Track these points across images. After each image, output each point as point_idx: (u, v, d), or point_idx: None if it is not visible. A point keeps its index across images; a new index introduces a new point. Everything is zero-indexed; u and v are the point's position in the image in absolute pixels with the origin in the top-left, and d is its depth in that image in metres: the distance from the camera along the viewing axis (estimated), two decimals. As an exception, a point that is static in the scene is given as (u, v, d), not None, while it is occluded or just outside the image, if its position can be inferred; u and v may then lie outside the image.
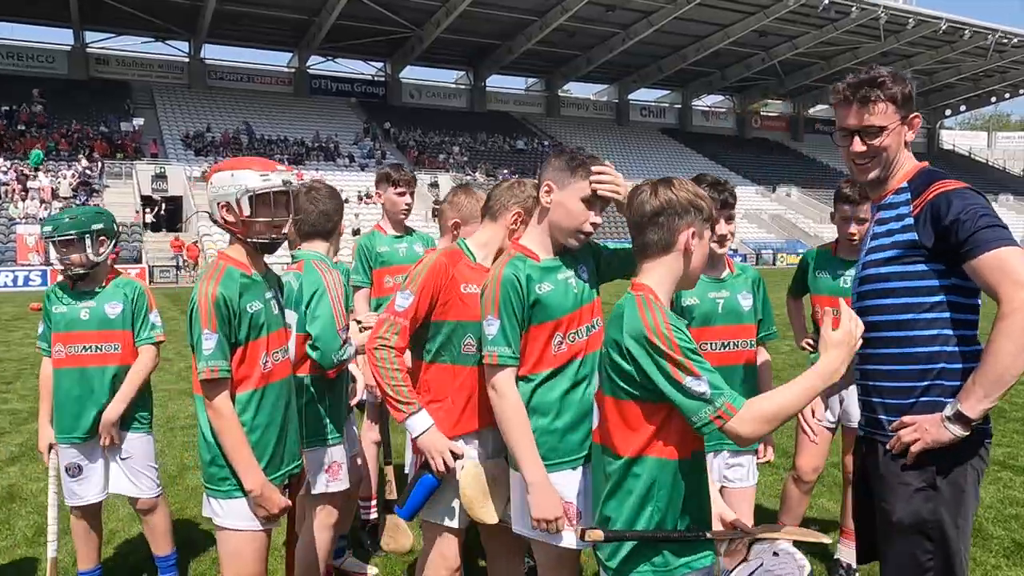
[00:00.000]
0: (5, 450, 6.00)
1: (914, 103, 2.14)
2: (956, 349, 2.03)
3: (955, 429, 1.93)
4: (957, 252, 1.96)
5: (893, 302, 2.07)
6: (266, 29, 44.55)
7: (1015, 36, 48.73)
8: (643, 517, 1.88)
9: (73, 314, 3.27)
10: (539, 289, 2.32)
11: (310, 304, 2.97)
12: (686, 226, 1.95)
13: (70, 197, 31.20)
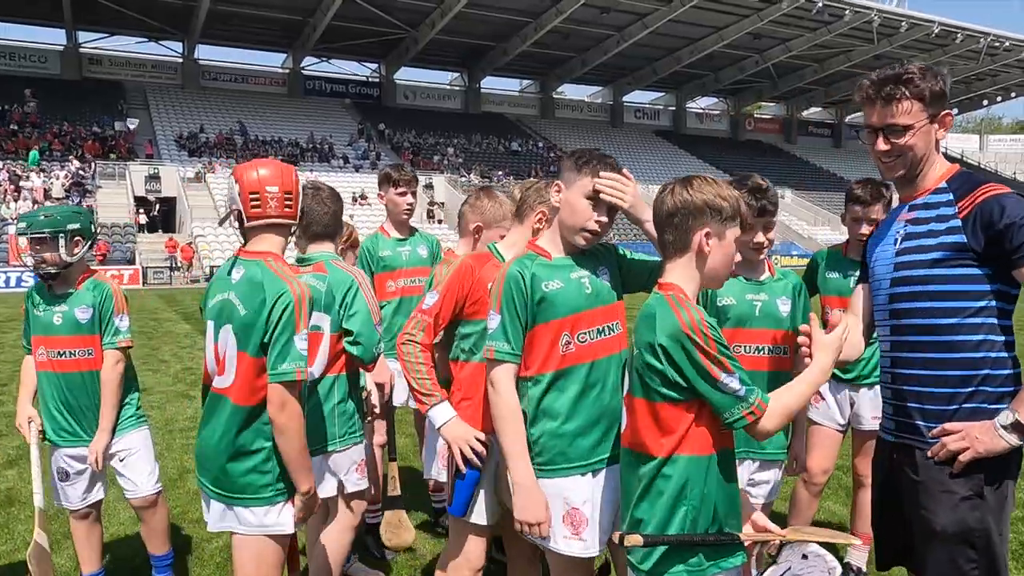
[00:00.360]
0: (2, 453, 5.94)
1: (947, 100, 2.07)
2: (999, 355, 1.99)
3: (1011, 438, 1.89)
4: (1010, 257, 1.93)
5: (938, 305, 2.02)
6: (260, 29, 44.44)
7: (1007, 40, 49.04)
8: (677, 517, 1.88)
9: (48, 318, 3.22)
10: (546, 287, 2.28)
11: (344, 302, 2.93)
12: (700, 227, 1.93)
13: (63, 198, 31.03)
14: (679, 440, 1.88)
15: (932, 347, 2.03)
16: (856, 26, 44.62)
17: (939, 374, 2.02)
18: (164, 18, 41.62)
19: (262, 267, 2.39)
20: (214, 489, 2.38)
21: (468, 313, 2.62)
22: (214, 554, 3.93)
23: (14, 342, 12.47)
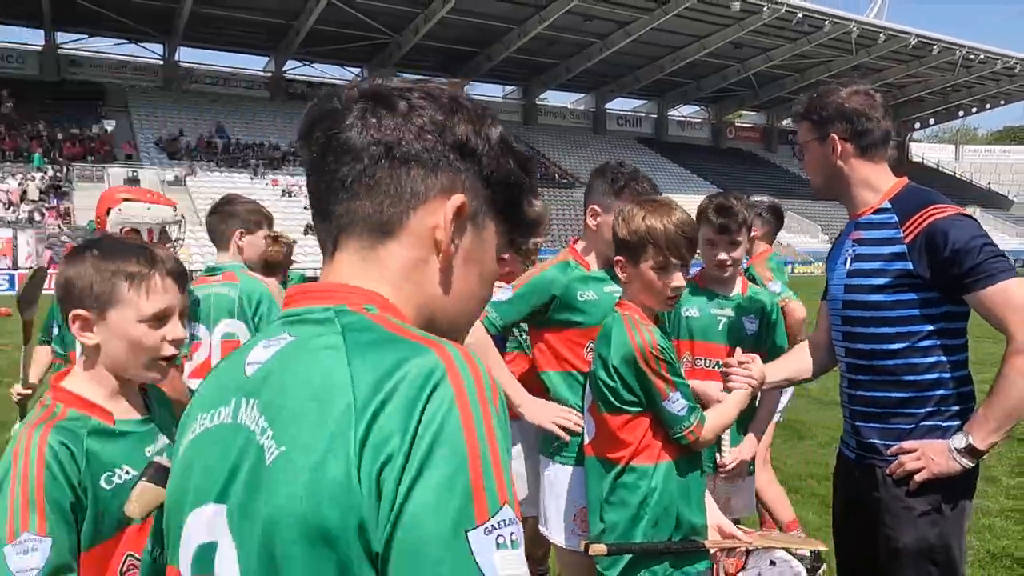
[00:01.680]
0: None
1: (840, 122, 2.10)
2: (952, 375, 2.03)
3: (964, 461, 1.94)
4: (959, 283, 1.95)
5: (888, 331, 2.04)
6: (242, 32, 44.20)
7: (982, 52, 49.99)
8: (640, 524, 1.94)
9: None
10: (580, 296, 2.42)
11: (258, 310, 2.96)
12: (644, 258, 2.01)
13: (38, 200, 30.67)
14: (636, 449, 1.97)
15: (885, 370, 2.06)
16: (835, 37, 45.27)
17: (893, 395, 2.05)
18: (145, 20, 41.24)
19: None
20: None
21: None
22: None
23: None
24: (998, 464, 5.66)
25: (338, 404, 0.73)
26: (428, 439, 0.70)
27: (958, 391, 2.04)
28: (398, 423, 0.71)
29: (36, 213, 29.58)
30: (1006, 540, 4.18)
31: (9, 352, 11.54)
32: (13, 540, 1.35)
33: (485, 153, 0.89)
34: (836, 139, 2.10)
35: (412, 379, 0.72)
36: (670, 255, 1.99)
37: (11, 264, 26.48)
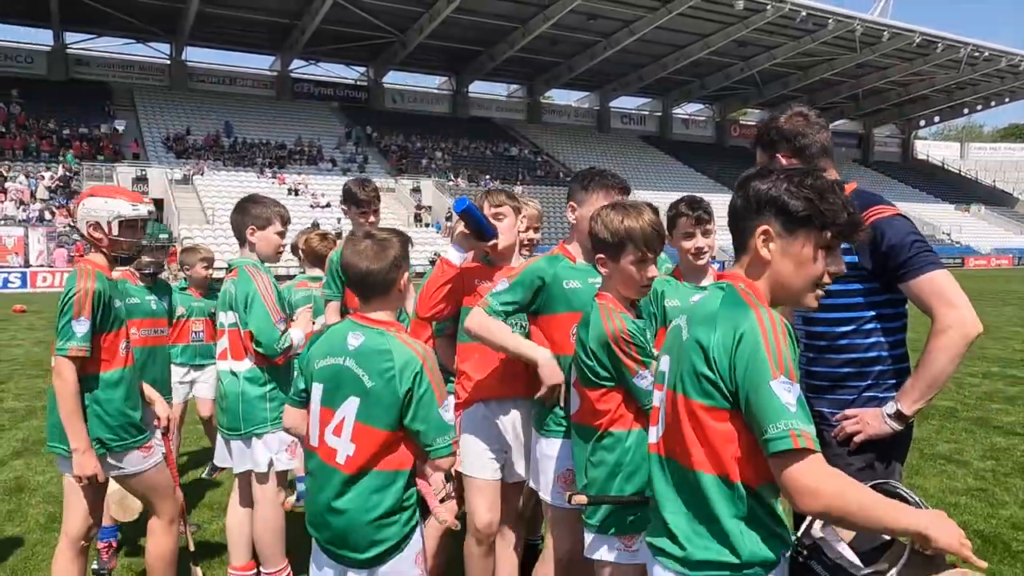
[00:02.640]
0: (8, 445, 6.14)
1: (784, 142, 2.44)
2: (889, 353, 2.35)
3: (894, 424, 2.26)
4: (894, 274, 2.26)
5: (835, 316, 2.36)
6: (248, 32, 44.45)
7: (986, 49, 49.90)
8: (616, 478, 2.29)
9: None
10: (566, 285, 2.73)
11: (246, 304, 3.30)
12: (624, 254, 2.30)
13: (48, 199, 31.01)
14: (612, 418, 2.31)
15: (833, 350, 2.38)
16: (839, 35, 45.29)
17: (840, 371, 2.37)
18: (152, 19, 41.55)
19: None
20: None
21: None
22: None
23: (8, 341, 12.54)
24: (971, 449, 5.91)
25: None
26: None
27: (895, 367, 2.36)
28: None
29: (46, 212, 29.92)
30: (968, 516, 4.45)
31: (27, 347, 11.82)
32: None
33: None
34: (781, 158, 2.42)
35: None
36: (647, 250, 2.29)
37: (23, 262, 26.82)
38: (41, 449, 6.06)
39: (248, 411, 3.32)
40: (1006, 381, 8.73)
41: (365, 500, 2.18)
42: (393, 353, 2.18)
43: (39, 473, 5.41)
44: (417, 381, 2.17)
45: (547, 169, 48.91)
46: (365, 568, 2.20)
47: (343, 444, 2.20)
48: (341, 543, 2.22)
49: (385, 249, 2.26)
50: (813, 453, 1.52)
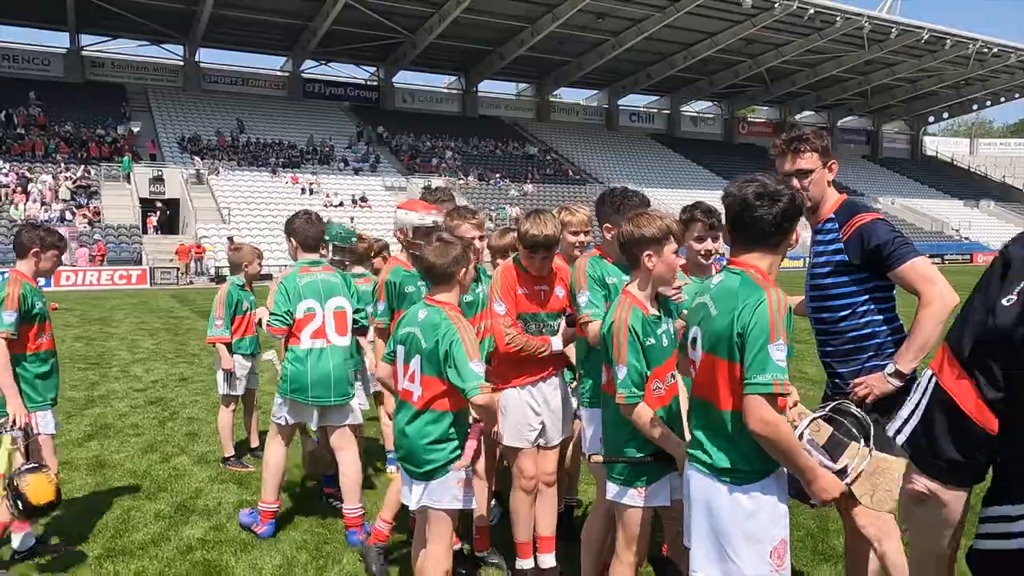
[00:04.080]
0: (79, 429, 6.60)
1: (827, 154, 2.97)
2: (885, 328, 2.90)
3: (895, 381, 2.77)
4: (882, 266, 2.80)
5: (835, 304, 2.93)
6: (260, 33, 44.90)
7: (995, 45, 49.89)
8: (635, 441, 2.74)
9: None
10: (609, 280, 3.31)
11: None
12: (647, 252, 2.73)
13: (69, 200, 31.52)
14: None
15: (836, 333, 2.94)
16: (847, 32, 45.38)
17: (844, 347, 2.94)
18: (166, 21, 42.06)
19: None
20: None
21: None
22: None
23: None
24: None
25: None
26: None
27: (893, 338, 2.87)
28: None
29: (67, 212, 30.43)
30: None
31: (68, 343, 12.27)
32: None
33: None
34: (833, 165, 3.00)
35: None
36: (677, 243, 2.82)
37: (45, 262, 27.34)
38: (109, 432, 6.50)
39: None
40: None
41: (421, 429, 3.02)
42: (441, 325, 2.99)
43: (114, 452, 5.90)
44: (452, 345, 2.94)
45: (556, 167, 49.22)
46: (422, 480, 3.04)
47: (415, 388, 3.05)
48: (407, 460, 3.08)
49: (447, 250, 3.06)
50: (780, 397, 2.18)
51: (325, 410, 4.25)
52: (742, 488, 2.28)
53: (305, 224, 4.39)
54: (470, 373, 2.89)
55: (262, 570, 3.83)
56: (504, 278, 3.60)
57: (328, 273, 4.36)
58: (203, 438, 6.39)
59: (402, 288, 3.89)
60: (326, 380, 4.16)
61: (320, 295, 4.24)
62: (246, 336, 5.62)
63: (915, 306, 2.70)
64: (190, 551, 4.08)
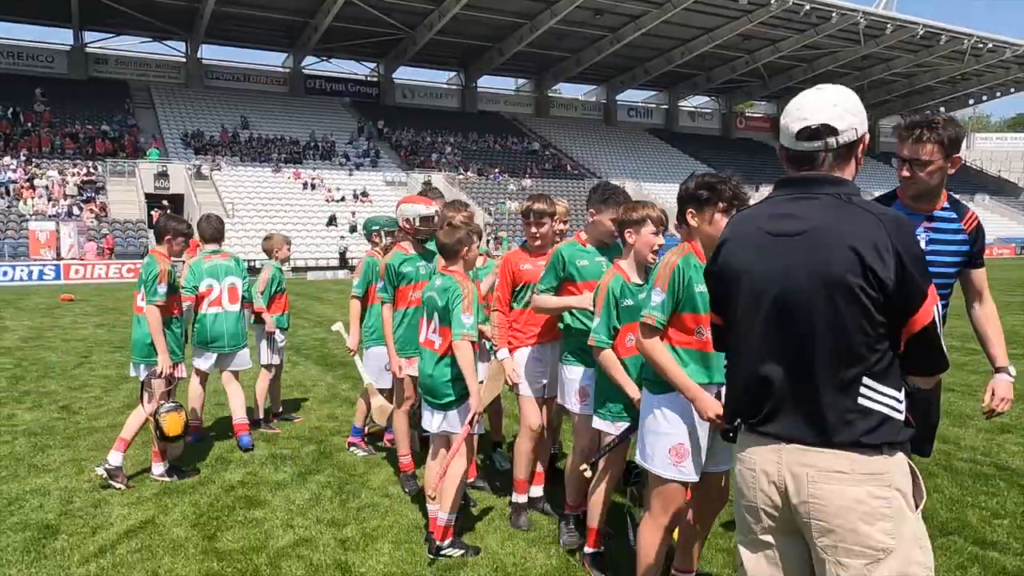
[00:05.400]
0: (118, 401, 7.21)
1: (955, 147, 2.81)
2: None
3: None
4: (976, 261, 2.96)
5: (944, 292, 2.92)
6: (262, 30, 45.38)
7: (990, 41, 50.33)
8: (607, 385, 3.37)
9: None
10: (578, 262, 3.84)
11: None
12: (628, 230, 3.35)
13: (76, 195, 32.08)
14: (612, 347, 3.39)
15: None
16: (843, 27, 45.83)
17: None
18: (168, 18, 42.55)
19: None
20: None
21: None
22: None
23: (71, 324, 13.55)
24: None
25: None
26: None
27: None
28: None
29: (75, 207, 31.01)
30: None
31: (91, 329, 12.86)
32: None
33: None
34: (957, 159, 2.89)
35: None
36: (660, 228, 3.37)
37: (55, 255, 27.92)
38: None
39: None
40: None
41: (442, 370, 3.82)
42: (451, 288, 3.81)
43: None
44: (453, 300, 3.76)
45: (555, 162, 49.75)
46: (441, 410, 3.84)
47: (436, 338, 3.89)
48: (430, 394, 3.88)
49: (455, 232, 3.92)
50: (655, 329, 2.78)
51: (222, 356, 5.69)
52: (656, 396, 2.92)
53: (206, 224, 5.80)
54: (459, 323, 3.72)
55: (294, 502, 4.43)
56: (506, 258, 4.30)
57: (224, 259, 5.76)
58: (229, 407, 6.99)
59: (400, 269, 4.76)
60: (221, 335, 5.63)
61: (218, 275, 5.67)
62: (285, 312, 6.45)
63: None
64: (232, 489, 4.67)
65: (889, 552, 1.78)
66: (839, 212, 1.85)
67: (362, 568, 3.56)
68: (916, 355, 1.83)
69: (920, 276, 1.79)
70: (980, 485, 4.55)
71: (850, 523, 1.79)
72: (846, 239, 1.80)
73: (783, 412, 1.87)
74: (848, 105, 1.93)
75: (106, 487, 4.69)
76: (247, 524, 4.12)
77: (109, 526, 4.10)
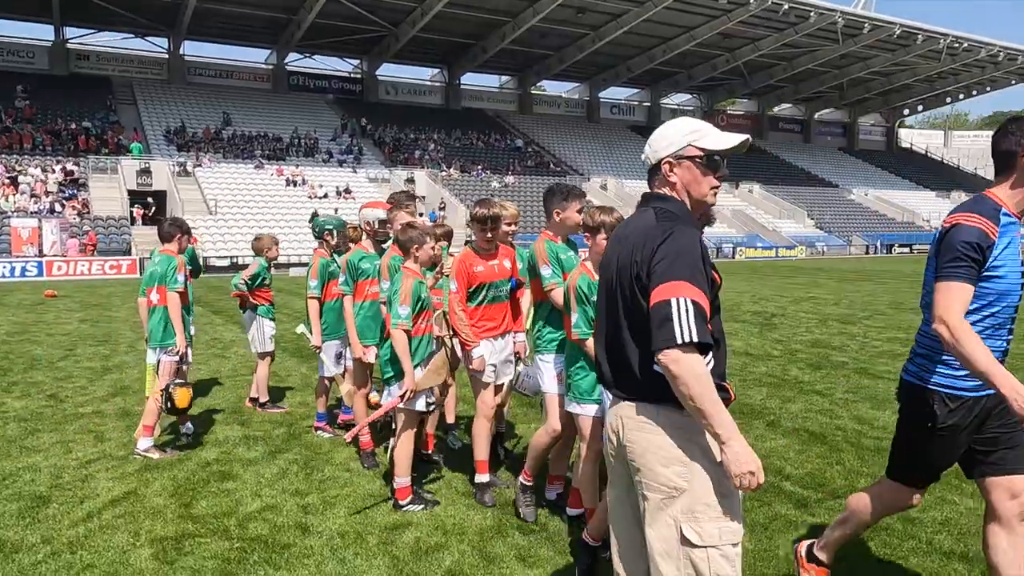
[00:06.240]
0: (104, 389, 7.68)
1: None
2: None
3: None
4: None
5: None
6: (245, 26, 45.44)
7: (966, 40, 51.24)
8: (585, 363, 3.78)
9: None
10: (560, 255, 4.15)
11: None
12: (601, 236, 3.69)
13: (58, 192, 32.21)
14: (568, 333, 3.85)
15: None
16: (822, 27, 46.54)
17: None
18: (150, 14, 42.54)
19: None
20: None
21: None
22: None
23: (55, 319, 13.87)
24: (838, 387, 7.36)
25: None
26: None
27: None
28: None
29: (57, 204, 31.15)
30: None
31: (75, 324, 13.22)
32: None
33: None
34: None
35: None
36: (607, 235, 3.71)
37: (38, 251, 28.09)
38: (128, 392, 7.54)
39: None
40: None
41: (384, 351, 4.48)
42: (395, 281, 4.36)
43: (135, 405, 6.97)
44: (394, 293, 4.28)
45: (538, 159, 50.23)
46: (386, 385, 4.47)
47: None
48: (379, 372, 4.55)
49: (407, 232, 4.47)
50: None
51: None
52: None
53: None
54: (396, 313, 4.22)
55: (264, 476, 4.91)
56: (460, 261, 4.53)
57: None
58: (209, 394, 7.45)
59: (359, 265, 5.26)
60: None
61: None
62: (269, 304, 6.97)
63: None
64: (208, 465, 5.15)
65: (682, 492, 2.11)
66: (644, 220, 2.28)
67: (319, 528, 4.05)
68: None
69: (666, 268, 2.09)
70: (880, 459, 5.10)
71: (650, 464, 2.16)
72: (634, 239, 2.24)
73: (615, 375, 2.32)
74: (657, 134, 2.38)
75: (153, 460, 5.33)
76: (220, 494, 4.60)
77: (96, 496, 4.57)
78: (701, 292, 2.07)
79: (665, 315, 2.03)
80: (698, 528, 2.09)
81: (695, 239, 2.15)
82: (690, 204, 2.34)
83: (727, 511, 2.12)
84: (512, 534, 3.97)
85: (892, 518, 4.07)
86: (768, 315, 14.01)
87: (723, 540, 2.10)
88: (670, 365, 2.01)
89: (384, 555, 3.73)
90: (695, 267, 2.09)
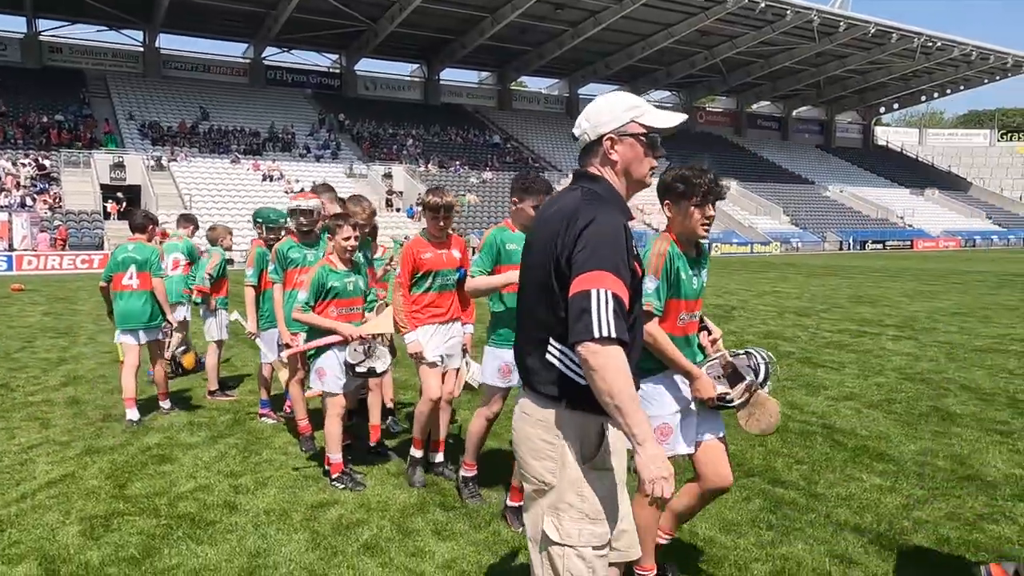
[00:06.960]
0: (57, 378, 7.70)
1: None
2: None
3: None
4: None
5: None
6: (222, 19, 45.12)
7: (939, 39, 52.00)
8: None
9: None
10: (507, 246, 4.12)
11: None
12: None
13: (29, 186, 31.90)
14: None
15: None
16: (798, 25, 47.07)
17: None
18: (126, 6, 42.08)
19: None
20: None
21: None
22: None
23: (19, 313, 13.84)
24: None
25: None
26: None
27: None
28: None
29: (28, 198, 30.86)
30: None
31: (38, 316, 13.18)
32: None
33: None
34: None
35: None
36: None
37: (7, 246, 27.84)
38: (81, 382, 7.61)
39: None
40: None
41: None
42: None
43: (86, 393, 7.07)
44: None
45: (517, 155, 50.36)
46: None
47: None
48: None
49: (333, 220, 4.74)
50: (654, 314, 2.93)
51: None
52: (643, 379, 2.96)
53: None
54: (300, 297, 4.66)
55: (201, 459, 5.03)
56: (408, 247, 4.58)
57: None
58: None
59: (288, 254, 5.46)
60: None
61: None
62: (225, 297, 7.24)
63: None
64: (148, 449, 5.26)
65: (551, 487, 2.08)
66: (569, 200, 2.12)
67: (247, 506, 4.18)
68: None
69: (587, 257, 1.96)
70: (801, 440, 5.31)
71: (523, 454, 2.15)
72: (555, 222, 2.07)
73: (517, 361, 2.25)
74: (594, 108, 2.22)
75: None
76: (156, 476, 4.71)
77: (32, 479, 4.66)
78: (622, 283, 1.97)
79: (583, 307, 1.91)
80: (558, 525, 2.07)
81: (619, 227, 2.04)
82: (627, 185, 2.23)
83: (593, 514, 2.07)
84: (433, 510, 4.13)
85: (796, 493, 4.27)
86: (729, 308, 14.26)
87: (582, 541, 2.06)
88: (588, 358, 1.90)
89: (305, 530, 3.87)
90: (618, 257, 1.98)
